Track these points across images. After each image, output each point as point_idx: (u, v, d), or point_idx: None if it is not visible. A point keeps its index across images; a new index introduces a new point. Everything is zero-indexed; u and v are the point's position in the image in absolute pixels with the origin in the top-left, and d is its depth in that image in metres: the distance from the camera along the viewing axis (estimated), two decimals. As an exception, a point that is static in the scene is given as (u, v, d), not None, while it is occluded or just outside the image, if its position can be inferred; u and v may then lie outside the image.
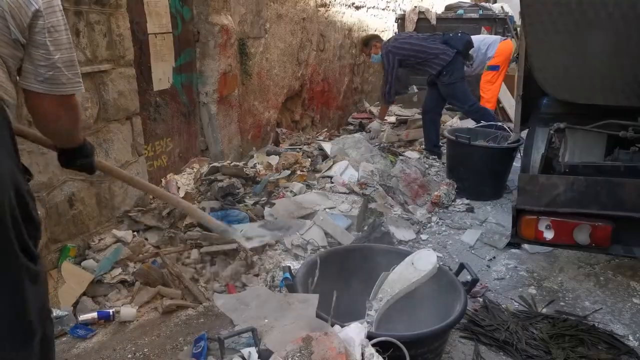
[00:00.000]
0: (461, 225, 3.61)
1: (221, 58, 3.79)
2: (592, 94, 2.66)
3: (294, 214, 3.17)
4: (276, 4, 4.52)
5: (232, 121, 4.07)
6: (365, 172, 3.86)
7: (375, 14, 6.83)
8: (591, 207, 2.29)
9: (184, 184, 3.47)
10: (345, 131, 5.99)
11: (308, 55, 5.24)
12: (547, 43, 2.57)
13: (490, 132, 4.40)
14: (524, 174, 2.59)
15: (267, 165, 3.86)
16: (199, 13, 3.68)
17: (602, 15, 2.31)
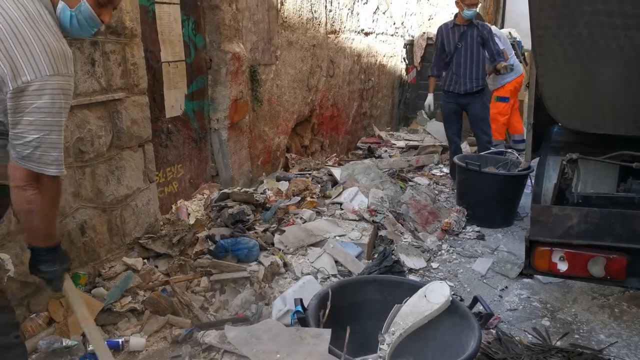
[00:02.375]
0: (472, 253, 3.58)
1: (232, 85, 3.83)
2: (603, 124, 2.66)
3: (304, 241, 3.16)
4: (287, 32, 4.58)
5: (243, 147, 4.09)
6: (375, 198, 3.85)
7: (384, 39, 6.90)
8: (605, 239, 2.26)
9: (194, 210, 3.48)
10: (354, 156, 6.01)
11: (318, 81, 5.28)
12: (558, 72, 2.58)
13: (500, 158, 4.40)
14: (537, 204, 2.58)
15: (277, 192, 3.86)
16: (212, 41, 3.73)
17: (613, 46, 2.32)
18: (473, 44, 4.72)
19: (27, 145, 1.41)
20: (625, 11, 2.20)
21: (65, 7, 1.50)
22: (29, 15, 1.40)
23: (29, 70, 1.36)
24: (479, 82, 4.74)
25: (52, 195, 1.53)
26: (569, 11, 2.26)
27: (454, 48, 4.77)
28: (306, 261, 3.05)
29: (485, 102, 4.89)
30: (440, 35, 4.86)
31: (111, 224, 2.78)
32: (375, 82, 6.83)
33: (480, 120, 4.81)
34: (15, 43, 1.36)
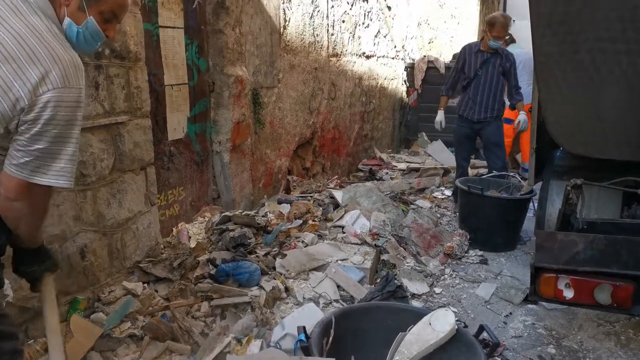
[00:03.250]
0: (475, 278, 3.54)
1: (235, 108, 3.84)
2: (606, 149, 2.65)
3: (306, 265, 3.13)
4: (289, 55, 4.61)
5: (244, 169, 4.08)
6: (377, 221, 3.83)
7: (385, 62, 6.95)
8: (612, 266, 2.24)
9: (195, 233, 3.45)
10: (355, 178, 6.00)
11: (319, 104, 5.30)
12: (561, 97, 2.58)
13: (502, 182, 4.39)
14: (542, 230, 2.56)
15: (279, 214, 3.84)
16: (215, 64, 3.75)
17: (616, 72, 2.33)
18: (494, 72, 4.66)
19: (29, 153, 1.39)
20: (628, 37, 2.21)
21: (71, 23, 1.49)
22: (35, 28, 1.39)
23: (41, 83, 1.36)
24: (494, 111, 4.71)
25: (41, 206, 1.51)
26: (571, 38, 2.27)
27: (474, 73, 4.74)
28: (308, 286, 3.01)
29: (500, 127, 4.80)
30: (463, 57, 4.82)
31: (111, 247, 2.76)
32: (377, 104, 6.86)
33: (494, 145, 4.77)
34: (26, 59, 1.35)
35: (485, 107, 4.72)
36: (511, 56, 4.75)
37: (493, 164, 4.77)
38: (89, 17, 1.51)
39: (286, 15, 4.48)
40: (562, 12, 2.24)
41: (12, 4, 1.39)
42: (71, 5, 1.48)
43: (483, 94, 4.71)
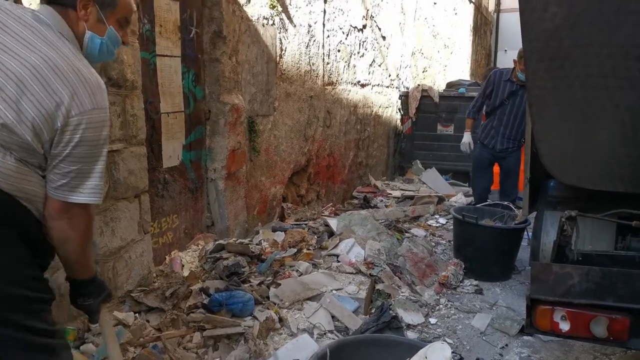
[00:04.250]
0: (470, 308, 3.52)
1: (230, 135, 3.85)
2: (600, 181, 2.67)
3: (300, 295, 3.10)
4: (285, 83, 4.66)
5: (239, 197, 4.08)
6: (372, 250, 3.82)
7: (379, 91, 7.03)
8: (607, 299, 2.22)
9: (189, 262, 3.42)
10: (350, 205, 6.00)
11: (315, 131, 5.33)
12: (555, 130, 2.61)
13: (496, 211, 4.39)
14: (538, 262, 2.56)
15: (273, 243, 3.82)
16: (211, 92, 3.78)
17: (608, 106, 2.36)
18: (521, 104, 4.57)
19: (65, 175, 1.44)
20: (618, 73, 2.26)
21: (93, 35, 1.55)
22: (61, 52, 1.43)
23: (72, 105, 1.40)
24: (516, 142, 4.69)
25: (84, 224, 1.54)
26: (563, 73, 2.31)
27: (500, 102, 4.68)
28: (302, 316, 2.98)
29: (519, 157, 4.70)
30: (492, 83, 4.73)
31: (103, 276, 2.72)
32: (371, 132, 6.90)
33: (513, 174, 4.79)
34: (57, 81, 1.38)
35: (508, 137, 4.72)
36: None
37: (509, 192, 4.80)
38: (108, 26, 1.57)
39: (282, 45, 4.53)
40: (555, 48, 2.29)
41: (37, 30, 1.43)
42: (90, 19, 1.53)
43: (507, 124, 4.68)
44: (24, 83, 1.35)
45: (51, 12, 1.48)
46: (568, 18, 2.23)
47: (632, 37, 2.17)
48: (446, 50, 10.20)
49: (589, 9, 2.19)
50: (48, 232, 1.50)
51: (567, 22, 2.24)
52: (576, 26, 2.23)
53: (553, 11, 2.24)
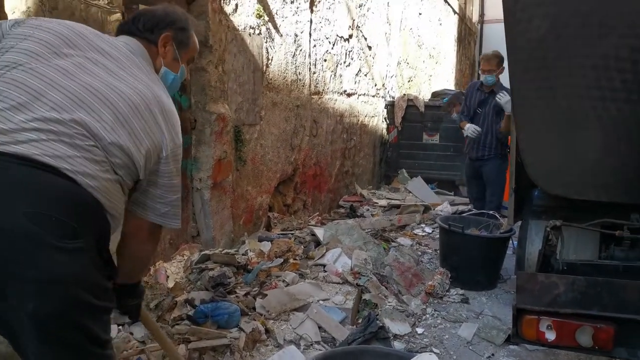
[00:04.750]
0: (457, 317, 3.52)
1: (216, 145, 3.83)
2: (584, 190, 2.70)
3: (287, 306, 3.08)
4: (272, 93, 4.65)
5: (225, 207, 4.05)
6: (359, 260, 3.81)
7: (365, 100, 7.05)
8: (593, 308, 2.24)
9: (174, 273, 3.38)
10: (336, 214, 5.99)
11: (301, 141, 5.33)
12: (539, 140, 2.64)
13: (482, 220, 4.42)
14: (523, 272, 2.57)
15: (259, 253, 3.79)
16: (197, 102, 3.76)
17: (591, 117, 2.40)
18: (490, 112, 4.74)
19: (168, 204, 1.59)
20: (601, 84, 2.29)
21: (168, 71, 1.68)
22: (157, 82, 1.59)
23: (171, 137, 1.56)
24: (492, 149, 4.79)
25: (158, 243, 1.76)
26: (547, 84, 2.34)
27: (473, 111, 4.85)
28: (289, 327, 2.96)
29: (500, 166, 4.82)
30: (467, 93, 4.99)
31: (87, 288, 2.67)
32: (357, 141, 6.92)
33: (491, 184, 4.88)
34: (161, 112, 1.52)
35: (482, 145, 4.85)
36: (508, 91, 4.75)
37: (489, 202, 4.87)
38: (181, 65, 1.72)
39: (269, 54, 4.54)
40: (539, 59, 2.31)
41: (133, 60, 1.55)
42: (167, 56, 1.67)
43: (481, 133, 4.81)
44: (138, 109, 1.46)
45: (139, 45, 1.60)
46: (552, 30, 2.26)
47: (615, 49, 2.21)
48: (431, 60, 10.29)
49: (573, 21, 2.22)
50: (129, 249, 1.64)
51: (551, 34, 2.27)
52: (560, 38, 2.26)
53: (537, 23, 2.27)
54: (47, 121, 1.33)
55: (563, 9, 2.22)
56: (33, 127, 1.31)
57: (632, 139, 2.42)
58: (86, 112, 1.39)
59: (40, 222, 1.24)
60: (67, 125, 1.35)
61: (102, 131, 1.40)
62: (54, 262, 1.25)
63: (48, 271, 1.25)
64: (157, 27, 1.64)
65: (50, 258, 1.25)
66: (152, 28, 1.64)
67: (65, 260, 1.27)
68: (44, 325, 1.26)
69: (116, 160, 1.43)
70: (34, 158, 1.28)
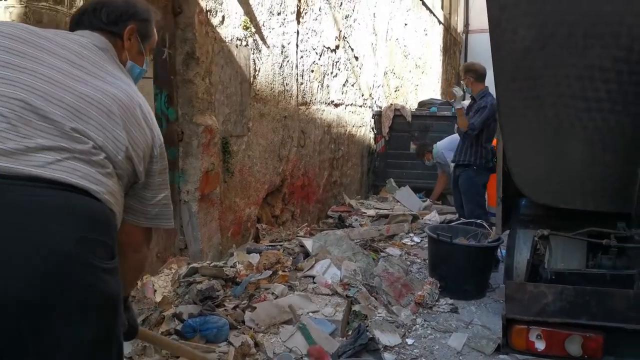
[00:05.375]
0: (447, 327, 3.52)
1: (204, 157, 3.81)
2: (571, 199, 2.72)
3: (276, 319, 3.05)
4: (259, 104, 4.65)
5: (213, 219, 4.02)
6: (348, 271, 3.79)
7: (353, 110, 7.08)
8: (581, 317, 2.24)
9: (161, 287, 3.34)
10: (325, 224, 5.97)
11: (289, 151, 5.32)
12: (526, 149, 2.66)
13: (470, 229, 4.43)
14: (512, 281, 2.57)
15: (248, 265, 3.76)
16: (184, 114, 3.74)
17: (577, 127, 2.42)
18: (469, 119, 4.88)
19: (158, 204, 1.54)
20: (587, 95, 2.32)
21: (134, 65, 1.61)
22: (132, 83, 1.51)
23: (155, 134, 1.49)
24: (466, 157, 4.87)
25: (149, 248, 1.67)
26: (534, 94, 2.36)
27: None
28: (278, 340, 2.93)
29: (469, 177, 4.90)
30: None
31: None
32: (345, 151, 6.93)
33: (464, 194, 4.97)
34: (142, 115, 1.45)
35: (459, 151, 4.98)
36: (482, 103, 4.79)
37: (465, 211, 4.95)
38: (146, 57, 1.65)
39: (256, 65, 4.53)
40: (525, 69, 2.34)
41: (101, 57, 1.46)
42: (132, 50, 1.59)
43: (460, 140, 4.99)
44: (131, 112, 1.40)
45: (106, 42, 1.51)
46: (538, 40, 2.29)
47: (599, 60, 2.24)
48: (417, 70, 10.37)
49: (558, 32, 2.25)
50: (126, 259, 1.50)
51: (536, 44, 2.30)
52: (546, 48, 2.29)
53: (523, 33, 2.29)
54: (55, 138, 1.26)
55: (548, 19, 2.25)
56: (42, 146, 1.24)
57: (617, 148, 2.45)
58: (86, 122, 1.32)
59: (87, 246, 1.20)
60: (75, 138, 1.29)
61: (106, 142, 1.34)
62: (105, 285, 1.24)
63: (102, 295, 1.24)
64: (120, 19, 1.55)
65: (102, 281, 1.23)
66: (116, 20, 1.54)
67: (111, 281, 1.26)
68: (97, 345, 1.23)
69: (121, 171, 1.39)
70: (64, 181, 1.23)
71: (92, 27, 1.52)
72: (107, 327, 1.26)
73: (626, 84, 2.29)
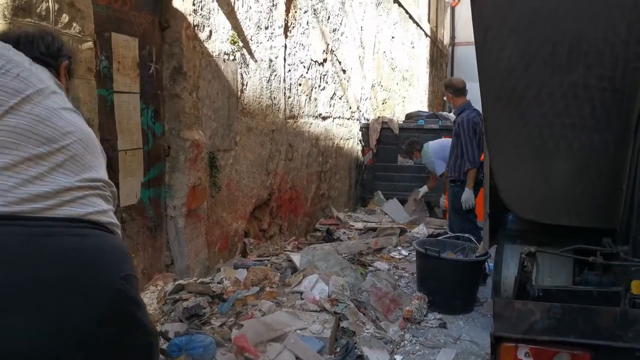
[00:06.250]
0: (435, 343, 3.51)
1: (191, 172, 3.78)
2: (557, 215, 2.74)
3: (263, 336, 3.02)
4: (247, 118, 4.64)
5: (200, 234, 3.98)
6: (336, 286, 3.77)
7: (340, 123, 7.09)
8: (569, 335, 2.24)
9: (147, 304, 3.29)
10: (313, 238, 5.96)
11: (277, 165, 5.31)
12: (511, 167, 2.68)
13: (458, 243, 4.44)
14: (500, 298, 2.57)
15: (235, 281, 3.73)
16: (171, 129, 3.72)
17: (562, 145, 2.44)
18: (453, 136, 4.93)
19: None
20: (571, 113, 2.34)
21: None
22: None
23: None
24: (454, 172, 4.89)
25: None
26: (519, 112, 2.38)
27: None
28: (266, 358, 2.90)
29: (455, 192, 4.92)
30: None
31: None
32: (333, 164, 6.93)
33: (452, 208, 5.00)
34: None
35: (447, 166, 5.08)
36: (457, 119, 4.90)
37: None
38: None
39: (244, 80, 4.53)
40: (510, 88, 2.36)
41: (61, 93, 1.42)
42: (64, 85, 1.52)
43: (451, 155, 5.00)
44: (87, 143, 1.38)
45: (50, 75, 1.45)
46: (523, 59, 2.31)
47: (583, 79, 2.26)
48: (405, 82, 10.44)
49: (543, 52, 2.28)
50: None
51: (522, 64, 2.32)
52: (530, 67, 2.31)
53: (508, 53, 2.32)
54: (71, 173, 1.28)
55: (533, 39, 2.27)
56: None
57: (601, 165, 2.47)
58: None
59: (130, 283, 1.25)
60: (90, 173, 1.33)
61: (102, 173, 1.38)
62: (145, 317, 1.30)
63: (146, 329, 1.30)
64: (59, 54, 1.54)
65: (143, 315, 1.29)
66: (54, 54, 1.53)
67: (145, 313, 1.31)
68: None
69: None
70: (98, 220, 1.27)
71: (28, 55, 1.44)
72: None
73: (610, 101, 2.32)
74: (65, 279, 1.12)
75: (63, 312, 1.10)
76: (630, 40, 2.12)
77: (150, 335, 1.31)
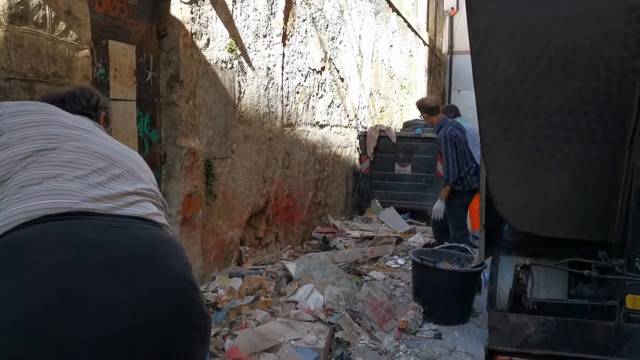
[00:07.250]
0: (430, 354, 3.49)
1: (187, 180, 3.77)
2: (552, 228, 2.74)
3: (258, 347, 3.01)
4: (244, 126, 4.63)
5: (195, 242, 3.97)
6: (331, 296, 3.76)
7: (338, 131, 7.09)
8: (563, 349, 2.24)
9: (141, 313, 3.27)
10: (309, 246, 5.94)
11: (273, 173, 5.30)
12: (508, 179, 2.68)
13: (453, 253, 4.43)
14: (495, 312, 2.57)
15: (229, 290, 3.71)
16: (167, 136, 3.71)
17: (558, 157, 2.45)
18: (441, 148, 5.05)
19: None
20: (567, 126, 2.34)
21: None
22: None
23: None
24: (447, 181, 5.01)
25: None
26: (515, 125, 2.38)
27: None
28: (259, 369, 2.88)
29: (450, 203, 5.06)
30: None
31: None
32: (330, 172, 6.93)
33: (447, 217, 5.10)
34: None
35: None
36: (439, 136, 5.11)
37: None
38: None
39: (241, 88, 4.53)
40: (506, 101, 2.36)
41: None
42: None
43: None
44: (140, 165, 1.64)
45: (93, 123, 1.71)
46: (519, 72, 2.32)
47: (578, 92, 2.27)
48: (403, 91, 10.46)
49: (539, 64, 2.28)
50: None
51: (518, 76, 2.33)
52: (526, 81, 2.32)
53: (505, 65, 2.32)
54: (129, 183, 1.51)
55: (529, 52, 2.28)
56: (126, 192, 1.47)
57: (597, 178, 2.47)
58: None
59: (189, 270, 1.39)
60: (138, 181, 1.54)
61: (154, 187, 1.61)
62: (202, 302, 1.43)
63: (204, 312, 1.41)
64: (98, 106, 1.80)
65: (200, 299, 1.42)
66: (95, 107, 1.79)
67: (202, 298, 1.46)
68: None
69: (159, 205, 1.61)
70: (156, 220, 1.45)
71: (73, 111, 1.71)
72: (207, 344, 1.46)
73: (605, 114, 2.32)
74: (141, 259, 1.28)
75: (145, 287, 1.25)
76: (624, 55, 2.13)
77: (206, 318, 1.41)
